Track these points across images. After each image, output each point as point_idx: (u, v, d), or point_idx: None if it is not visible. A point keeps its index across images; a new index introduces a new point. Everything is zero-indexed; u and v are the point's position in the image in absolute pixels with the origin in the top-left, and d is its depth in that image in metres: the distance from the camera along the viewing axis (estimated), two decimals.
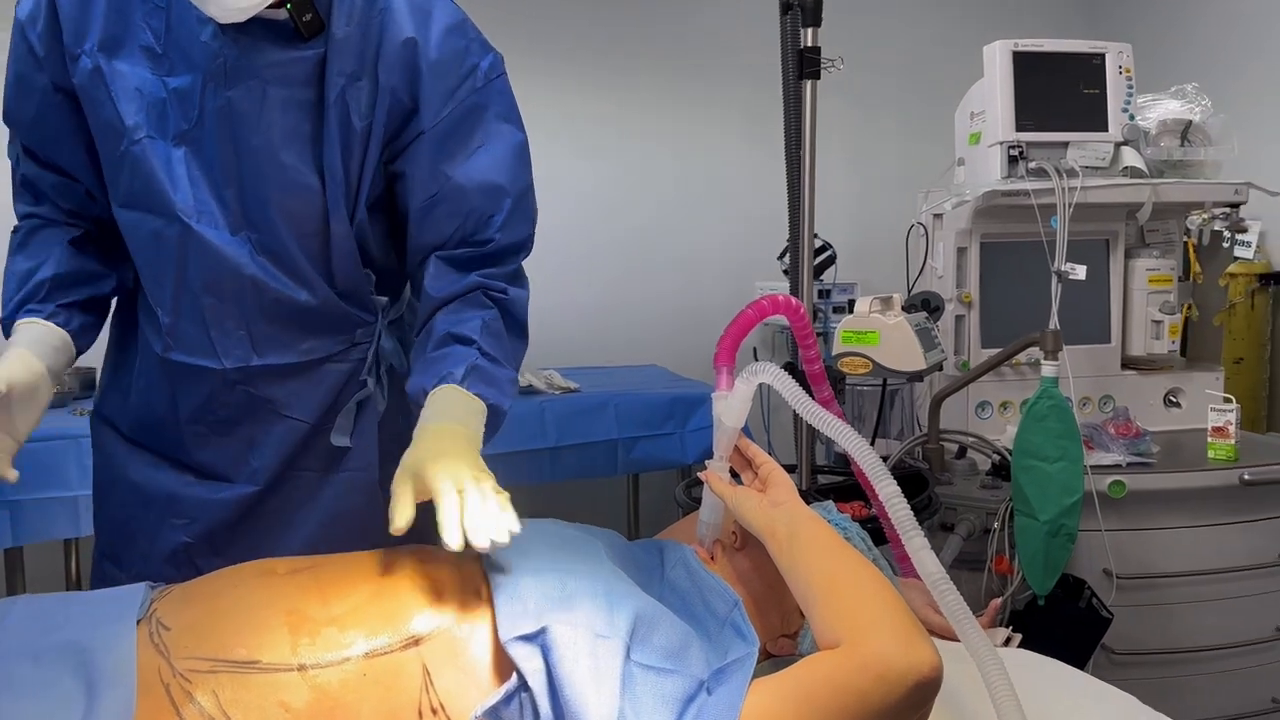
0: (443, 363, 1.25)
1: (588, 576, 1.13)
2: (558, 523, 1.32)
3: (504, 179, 1.32)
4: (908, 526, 1.10)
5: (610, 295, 3.73)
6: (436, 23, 1.29)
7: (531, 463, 2.90)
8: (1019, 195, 2.36)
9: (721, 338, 1.33)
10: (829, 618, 1.06)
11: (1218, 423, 2.33)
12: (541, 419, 2.91)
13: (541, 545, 1.21)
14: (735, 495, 1.25)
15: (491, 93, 1.32)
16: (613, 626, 1.06)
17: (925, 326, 1.86)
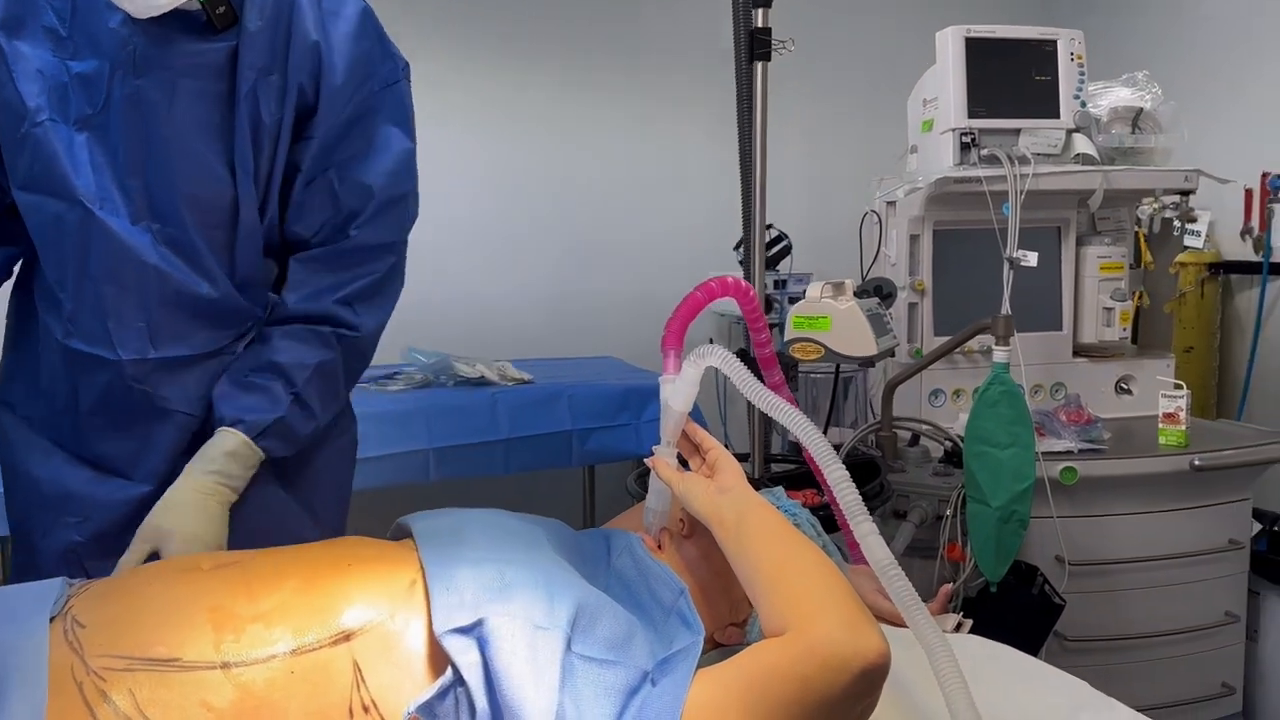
0: (253, 397, 1.29)
1: (528, 566, 1.10)
2: (500, 513, 1.28)
3: (378, 181, 1.33)
4: (856, 512, 1.08)
5: (564, 286, 3.68)
6: (343, 24, 1.30)
7: (484, 455, 2.85)
8: (971, 182, 2.35)
9: (669, 320, 1.30)
10: (775, 604, 1.03)
11: (1169, 408, 2.34)
12: (494, 411, 2.86)
13: (481, 535, 1.18)
14: (682, 481, 1.21)
15: (387, 97, 1.34)
16: (553, 617, 1.03)
17: (877, 312, 1.84)
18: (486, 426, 2.84)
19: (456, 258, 3.50)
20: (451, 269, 3.48)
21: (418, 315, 3.39)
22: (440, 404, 2.81)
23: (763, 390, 1.17)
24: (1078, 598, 2.19)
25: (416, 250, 3.60)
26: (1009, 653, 1.27)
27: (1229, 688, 2.40)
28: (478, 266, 3.53)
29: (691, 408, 1.26)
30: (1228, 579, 2.38)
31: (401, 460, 2.73)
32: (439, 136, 3.49)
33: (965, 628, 1.38)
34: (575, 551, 1.28)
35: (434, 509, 1.30)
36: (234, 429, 1.28)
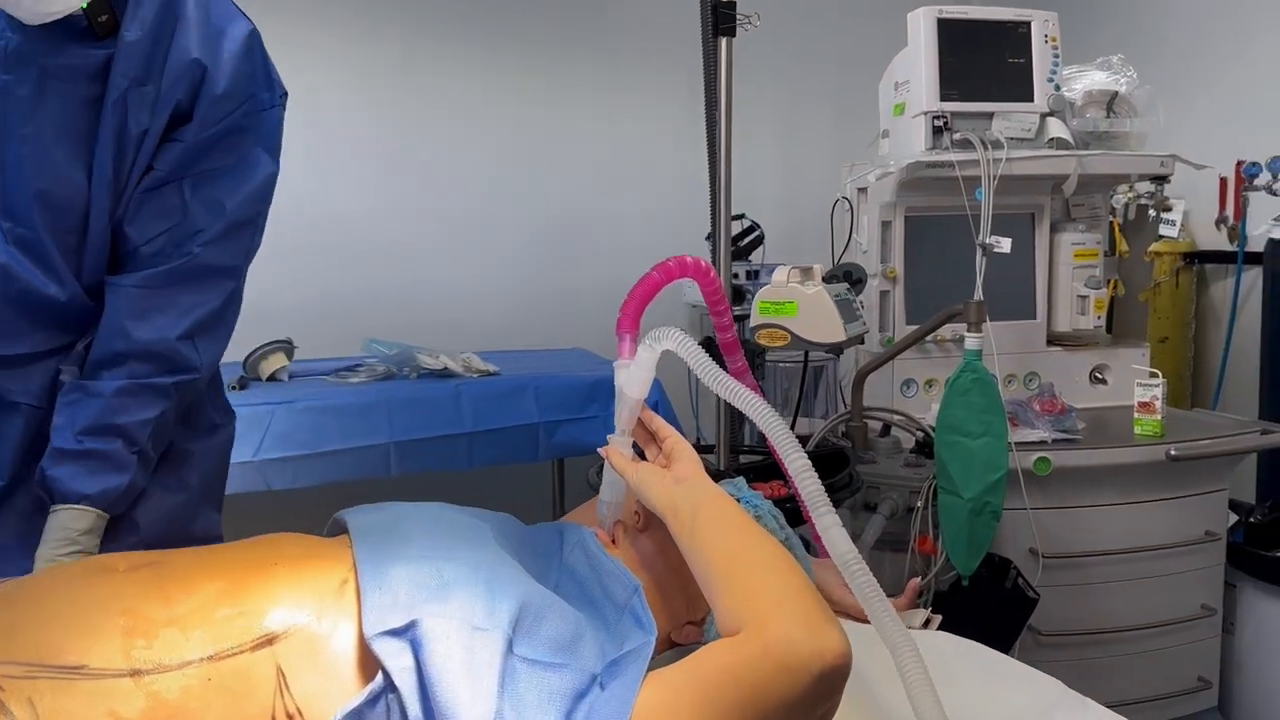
0: (97, 469, 1.25)
1: (469, 564, 1.03)
2: (444, 506, 1.21)
3: (233, 200, 1.30)
4: (817, 502, 1.01)
5: (532, 277, 3.60)
6: (229, 43, 1.28)
7: (447, 449, 2.78)
8: (944, 167, 2.30)
9: (625, 302, 1.24)
10: (730, 602, 0.97)
11: (1144, 398, 2.30)
12: (457, 403, 2.79)
13: (421, 531, 1.11)
14: (636, 472, 1.15)
15: (260, 120, 1.32)
16: (493, 618, 0.96)
17: (846, 298, 1.78)
18: (450, 419, 2.77)
19: (419, 247, 3.42)
20: (415, 259, 3.40)
21: (378, 306, 3.36)
22: (402, 396, 2.74)
23: (721, 376, 1.11)
24: (1051, 591, 2.14)
25: (376, 239, 3.51)
26: (980, 650, 1.21)
27: (1205, 681, 2.36)
28: (442, 256, 3.45)
29: (648, 394, 1.20)
30: (1204, 571, 2.34)
31: (361, 454, 2.66)
32: (400, 122, 3.44)
33: (934, 624, 1.32)
34: (525, 547, 1.21)
35: (382, 502, 1.24)
36: (82, 506, 1.24)
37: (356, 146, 3.32)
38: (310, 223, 3.23)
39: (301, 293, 3.25)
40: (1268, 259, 3.12)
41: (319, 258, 3.27)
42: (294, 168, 3.18)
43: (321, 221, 3.26)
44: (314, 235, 3.24)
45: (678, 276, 1.24)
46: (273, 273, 3.21)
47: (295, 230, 3.21)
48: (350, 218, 3.32)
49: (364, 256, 3.34)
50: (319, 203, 3.25)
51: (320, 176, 3.25)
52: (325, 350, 3.10)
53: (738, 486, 1.34)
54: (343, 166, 3.30)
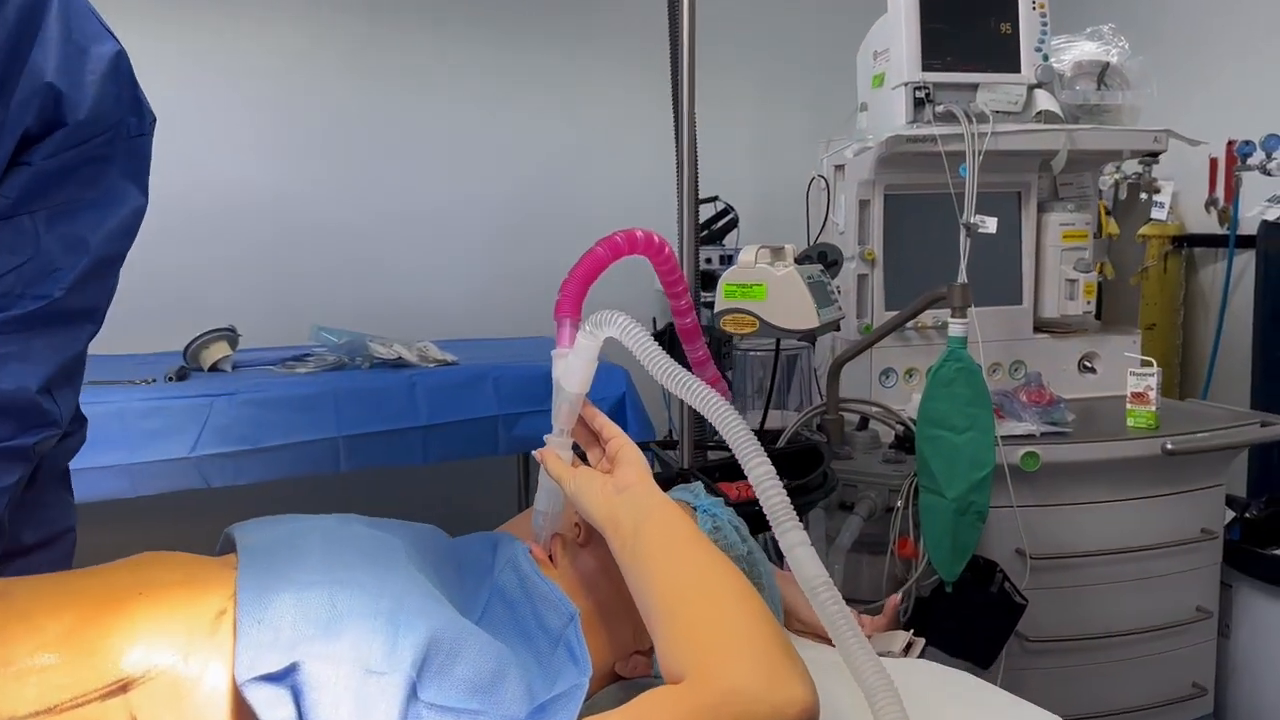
0: None
1: (369, 590, 0.87)
2: (351, 519, 1.06)
3: (94, 237, 1.10)
4: (782, 517, 0.86)
5: (493, 263, 3.43)
6: (93, 63, 1.09)
7: (401, 443, 2.61)
8: (926, 141, 2.15)
9: (565, 282, 1.08)
10: (673, 641, 0.82)
11: (1137, 388, 2.16)
12: (411, 394, 2.62)
13: (320, 549, 0.95)
14: (574, 478, 1.00)
15: (126, 150, 1.14)
16: (393, 657, 0.81)
17: (820, 280, 1.63)
18: (403, 412, 2.60)
19: (373, 231, 3.24)
20: (369, 243, 3.23)
21: (330, 293, 3.18)
22: (351, 387, 2.57)
23: (671, 367, 0.95)
24: (1039, 594, 2.00)
25: (327, 223, 3.33)
26: (967, 682, 1.06)
27: (1200, 688, 2.23)
28: (398, 241, 3.27)
29: (588, 388, 1.04)
30: (1200, 571, 2.21)
31: (307, 449, 2.49)
32: (351, 102, 3.25)
33: (917, 648, 1.17)
34: (450, 564, 1.06)
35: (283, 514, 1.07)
36: None
37: (305, 126, 3.14)
38: (256, 205, 3.06)
39: (247, 279, 3.08)
40: (1261, 241, 2.99)
41: (265, 242, 3.10)
42: (238, 149, 3.08)
43: (268, 204, 3.09)
44: (260, 218, 3.07)
45: (626, 253, 1.08)
46: (216, 258, 3.08)
47: (240, 213, 3.06)
48: (299, 200, 3.14)
49: (314, 241, 3.16)
50: (265, 184, 3.07)
51: (267, 158, 3.07)
52: (274, 339, 2.92)
53: (694, 493, 1.18)
54: (291, 147, 3.12)
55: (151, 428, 2.36)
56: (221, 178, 3.04)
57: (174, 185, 2.97)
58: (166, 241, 2.93)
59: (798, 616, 1.24)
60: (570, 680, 0.87)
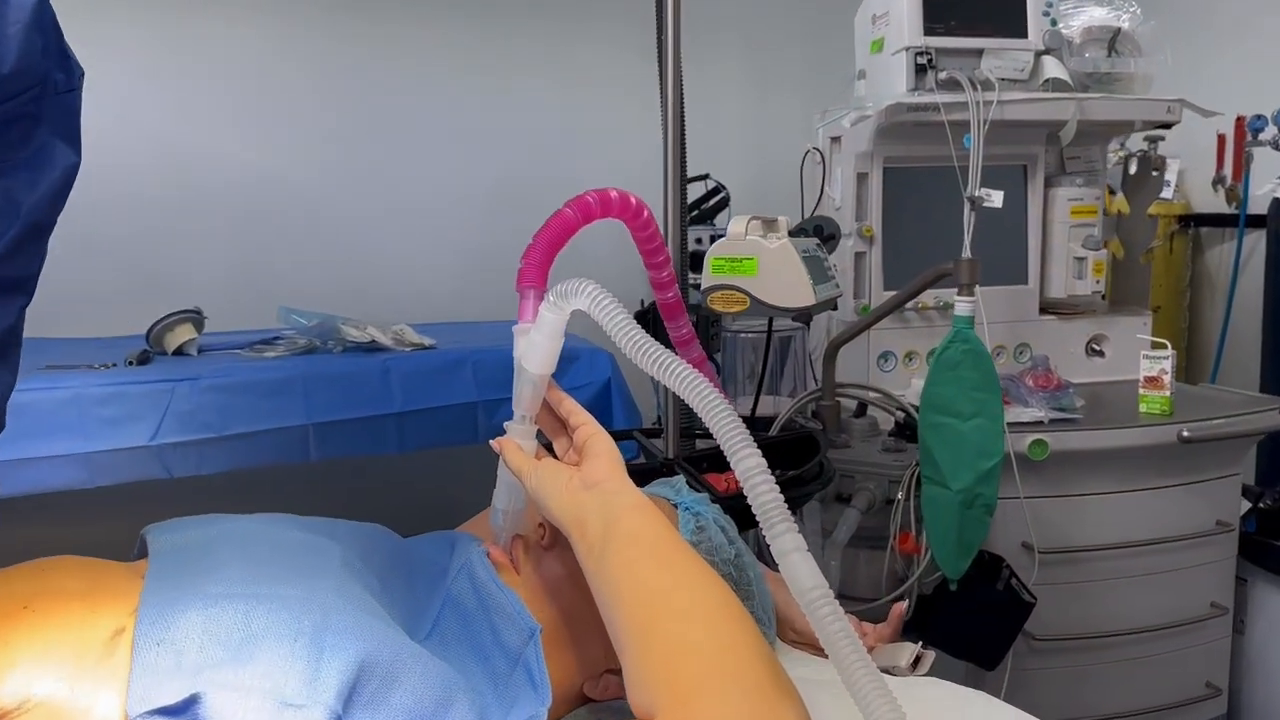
0: None
1: (292, 605, 0.75)
2: (285, 519, 0.93)
3: (27, 200, 0.99)
4: (774, 518, 0.73)
5: (475, 243, 3.28)
6: (14, 12, 0.96)
7: (374, 431, 2.47)
8: (927, 110, 2.02)
9: (529, 249, 0.95)
10: (643, 667, 0.70)
11: (1151, 371, 2.04)
12: (385, 380, 2.48)
13: (239, 556, 0.82)
14: (535, 471, 0.87)
15: (56, 106, 1.02)
16: (314, 686, 0.68)
17: (816, 255, 1.50)
18: (377, 398, 2.46)
19: (349, 210, 3.09)
20: (343, 222, 3.08)
21: (303, 274, 3.04)
22: (321, 372, 2.43)
23: (646, 342, 0.83)
24: (1047, 590, 1.88)
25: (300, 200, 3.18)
26: (982, 702, 0.94)
27: (1214, 688, 2.12)
28: (375, 220, 3.13)
29: (553, 368, 0.91)
30: (1215, 565, 2.09)
31: (275, 437, 2.35)
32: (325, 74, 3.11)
33: (926, 662, 1.05)
34: (399, 571, 0.93)
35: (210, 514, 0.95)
36: None
37: (278, 101, 2.99)
38: (226, 183, 2.92)
39: (216, 259, 2.94)
40: (1272, 221, 2.88)
41: (235, 221, 2.95)
42: (208, 124, 2.93)
43: (238, 181, 2.94)
44: (230, 196, 2.93)
45: (599, 216, 0.96)
46: (182, 236, 2.94)
47: (208, 191, 2.91)
48: (271, 177, 2.99)
49: (287, 220, 3.02)
50: (236, 161, 2.93)
51: (238, 133, 2.92)
52: (243, 322, 2.79)
53: (675, 489, 1.05)
54: (263, 122, 2.97)
55: (109, 414, 2.23)
56: (190, 153, 2.90)
57: (140, 161, 2.85)
58: (131, 220, 2.81)
59: (792, 626, 1.12)
60: (526, 710, 0.75)
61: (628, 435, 1.95)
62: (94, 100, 2.39)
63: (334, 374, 2.44)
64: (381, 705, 0.71)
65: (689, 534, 0.98)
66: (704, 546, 0.98)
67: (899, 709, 0.68)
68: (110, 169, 2.78)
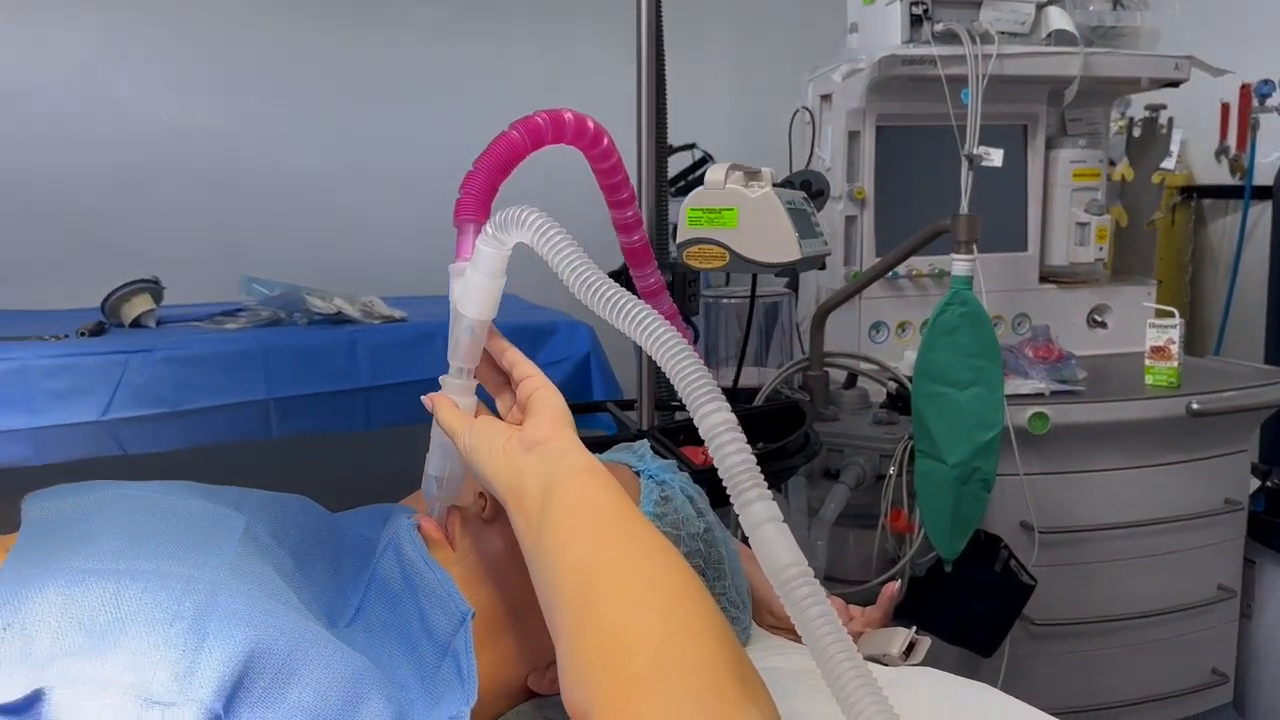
0: None
1: (175, 583, 0.63)
2: (180, 487, 0.81)
3: None
4: (743, 482, 0.61)
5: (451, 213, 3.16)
6: None
7: (339, 407, 2.36)
8: (923, 63, 1.90)
9: (469, 176, 0.83)
10: (580, 659, 0.58)
11: (1157, 340, 1.93)
12: (351, 353, 2.37)
13: (115, 526, 0.70)
14: (469, 431, 0.75)
15: None
16: (188, 680, 0.56)
17: (802, 208, 1.38)
18: (343, 372, 2.34)
19: (322, 180, 2.96)
20: (315, 192, 2.95)
21: (266, 243, 2.91)
22: (283, 345, 2.30)
23: (594, 278, 0.70)
24: (1047, 571, 1.77)
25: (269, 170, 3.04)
26: (989, 699, 0.82)
27: (1221, 675, 2.01)
28: (347, 190, 2.99)
29: (495, 313, 0.80)
30: (1222, 546, 1.98)
31: (234, 412, 2.24)
32: (300, 37, 2.98)
33: (921, 649, 0.93)
34: (323, 548, 0.81)
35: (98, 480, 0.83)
36: None
37: (243, 62, 2.86)
38: (187, 147, 2.79)
39: (177, 228, 2.81)
40: (1278, 191, 2.77)
41: (198, 187, 2.82)
42: (167, 85, 2.79)
43: (201, 145, 2.81)
44: (191, 161, 2.80)
45: (550, 141, 0.83)
46: (141, 204, 2.81)
47: (169, 155, 2.77)
48: (236, 142, 2.87)
49: (253, 187, 2.89)
50: (196, 125, 2.80)
51: (199, 95, 2.79)
52: (207, 295, 2.66)
53: (638, 454, 0.93)
54: (225, 84, 2.84)
55: (57, 388, 2.12)
56: (150, 118, 2.77)
57: (98, 125, 2.72)
58: (87, 187, 2.68)
59: (769, 609, 1.00)
60: (449, 709, 0.63)
61: (600, 407, 1.83)
62: (48, 63, 2.26)
63: (297, 347, 2.32)
64: (276, 703, 0.60)
65: (651, 505, 0.86)
66: (669, 519, 0.86)
67: (889, 707, 0.56)
68: (66, 134, 2.65)
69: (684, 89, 1.69)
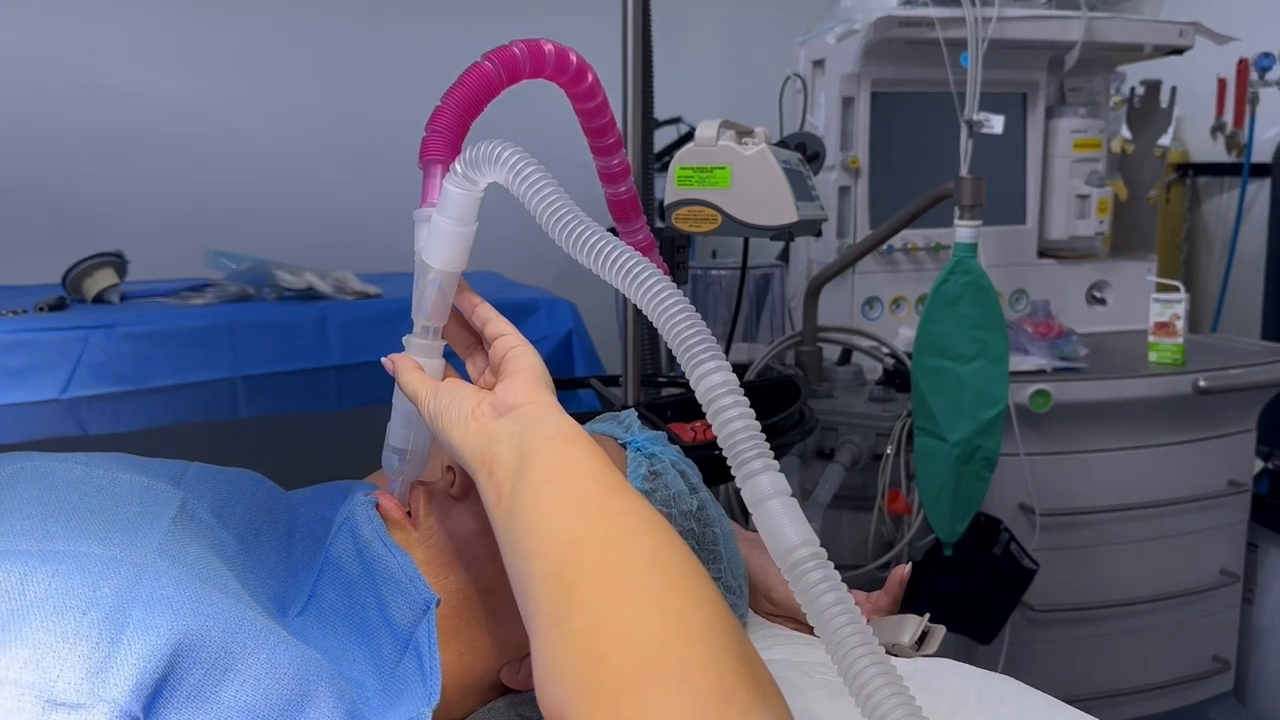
0: None
1: (93, 566, 0.55)
2: (109, 459, 0.72)
3: None
4: (746, 450, 0.53)
5: None
6: None
7: (311, 385, 2.28)
8: (921, 25, 1.82)
9: (436, 111, 0.74)
10: (555, 651, 0.50)
11: (1162, 316, 1.86)
12: (322, 330, 2.28)
13: (28, 503, 0.61)
14: (435, 394, 0.66)
15: None
16: (102, 679, 0.48)
17: (798, 169, 1.30)
18: (313, 349, 2.26)
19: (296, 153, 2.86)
20: (288, 165, 2.84)
21: (237, 218, 2.81)
22: (251, 321, 2.21)
23: (574, 220, 0.62)
24: (1047, 555, 1.70)
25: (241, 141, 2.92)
26: (1007, 688, 0.74)
27: (1222, 662, 1.95)
28: (322, 163, 2.89)
29: (465, 264, 0.71)
30: (1225, 529, 1.92)
31: (200, 391, 2.15)
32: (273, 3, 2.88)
33: (935, 639, 0.85)
34: (275, 528, 0.72)
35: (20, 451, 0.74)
36: None
37: (215, 28, 2.76)
38: (153, 118, 2.68)
39: (139, 199, 2.71)
40: (1277, 168, 2.71)
41: (165, 159, 2.72)
42: (135, 52, 2.68)
43: (169, 115, 2.71)
44: (159, 131, 2.69)
45: (528, 75, 0.75)
46: (103, 174, 2.70)
47: (134, 126, 2.67)
48: (207, 112, 2.76)
49: (224, 159, 2.79)
50: (163, 94, 2.69)
51: (168, 63, 2.69)
52: (175, 270, 2.56)
53: (624, 425, 0.85)
54: (196, 51, 2.73)
55: (14, 364, 2.03)
56: (114, 87, 2.66)
57: (60, 95, 2.61)
58: (49, 158, 2.58)
59: (768, 595, 0.92)
60: (408, 709, 0.55)
61: (583, 383, 1.75)
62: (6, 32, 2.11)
63: (265, 322, 2.23)
64: (208, 702, 0.52)
65: (639, 481, 0.78)
66: (658, 495, 0.78)
67: (915, 708, 0.48)
68: (27, 104, 2.54)
69: (670, 59, 1.61)
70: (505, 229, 3.18)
